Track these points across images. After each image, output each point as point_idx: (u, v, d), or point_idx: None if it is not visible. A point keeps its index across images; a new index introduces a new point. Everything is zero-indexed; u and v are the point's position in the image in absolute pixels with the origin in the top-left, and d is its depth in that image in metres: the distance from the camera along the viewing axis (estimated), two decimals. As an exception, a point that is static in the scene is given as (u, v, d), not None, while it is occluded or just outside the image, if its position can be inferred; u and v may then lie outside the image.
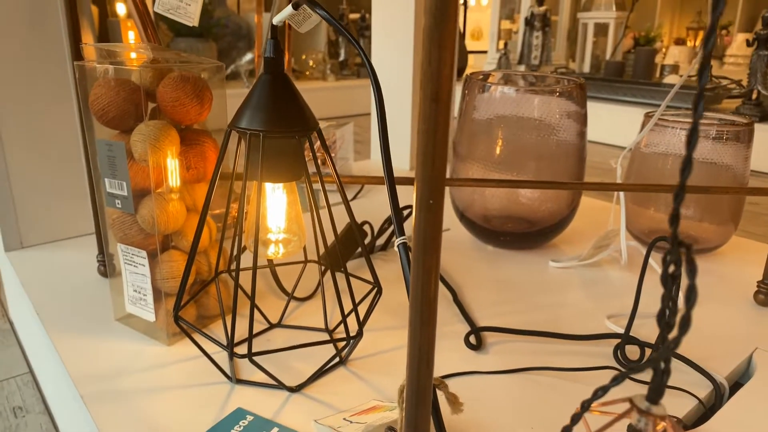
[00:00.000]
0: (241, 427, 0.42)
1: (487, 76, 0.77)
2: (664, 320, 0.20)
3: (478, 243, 0.79)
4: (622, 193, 0.67)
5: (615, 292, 0.65)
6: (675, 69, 2.64)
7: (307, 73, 2.90)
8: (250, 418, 0.43)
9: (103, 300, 0.61)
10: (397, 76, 1.12)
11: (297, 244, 0.48)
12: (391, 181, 0.33)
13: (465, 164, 0.78)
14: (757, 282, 0.62)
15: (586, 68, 2.60)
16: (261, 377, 0.48)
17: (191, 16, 0.57)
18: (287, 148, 0.44)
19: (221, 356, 0.50)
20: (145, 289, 0.52)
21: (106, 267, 0.65)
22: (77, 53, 0.59)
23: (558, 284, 0.67)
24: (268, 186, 0.47)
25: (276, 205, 0.47)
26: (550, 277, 0.68)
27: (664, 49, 3.19)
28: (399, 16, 1.09)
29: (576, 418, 0.22)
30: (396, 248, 0.32)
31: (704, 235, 0.75)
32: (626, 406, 0.23)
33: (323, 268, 0.54)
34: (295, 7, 0.38)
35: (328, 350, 0.52)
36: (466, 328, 0.56)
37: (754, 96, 1.89)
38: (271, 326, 0.56)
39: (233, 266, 0.54)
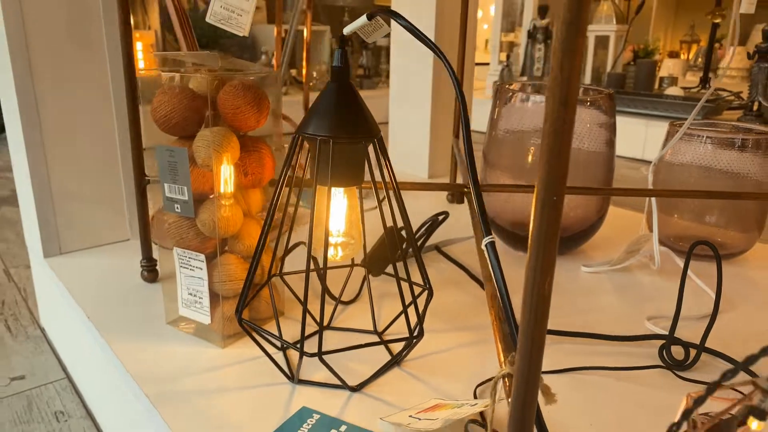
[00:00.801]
0: (309, 426, 0.43)
1: (518, 87, 0.79)
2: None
3: (507, 249, 0.80)
4: (654, 199, 0.69)
5: (649, 295, 0.67)
6: (674, 81, 2.69)
7: (312, 84, 2.92)
8: (316, 416, 0.44)
9: (150, 304, 0.62)
10: (415, 85, 1.14)
11: (355, 247, 0.50)
12: (477, 186, 0.35)
13: (495, 172, 0.79)
14: (788, 285, 0.64)
15: (587, 80, 2.64)
16: (320, 377, 0.49)
17: (242, 27, 0.59)
18: (353, 153, 0.45)
19: (278, 357, 0.51)
20: (201, 292, 0.53)
21: (152, 272, 0.66)
22: (129, 63, 0.60)
23: (592, 288, 0.68)
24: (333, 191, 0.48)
25: (337, 208, 0.48)
26: (583, 282, 0.70)
27: (659, 62, 3.25)
28: (419, 25, 1.11)
29: (688, 413, 0.24)
30: (483, 247, 0.33)
31: (730, 241, 0.77)
32: (727, 401, 0.25)
33: (367, 271, 0.55)
34: (369, 17, 0.40)
35: (378, 351, 0.53)
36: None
37: (755, 107, 1.93)
38: (322, 328, 0.57)
39: (283, 269, 0.56)
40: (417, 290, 0.60)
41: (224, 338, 0.54)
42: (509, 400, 0.28)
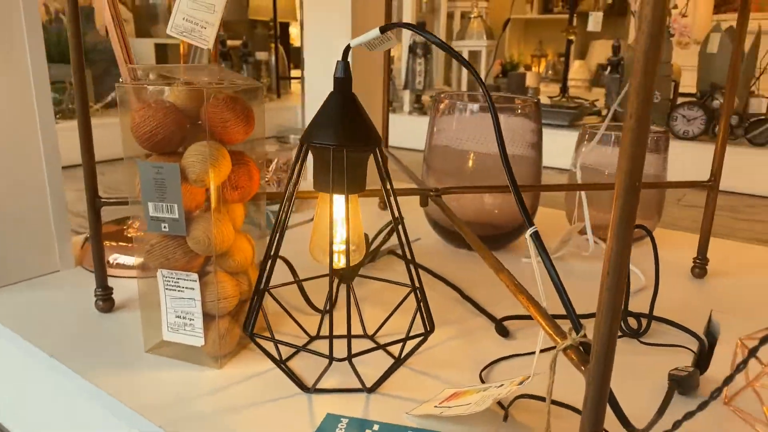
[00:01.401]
0: (342, 429, 0.44)
1: (455, 96, 0.85)
2: None
3: (451, 248, 0.85)
4: (584, 193, 0.78)
5: (588, 278, 0.75)
6: (537, 91, 2.98)
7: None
8: (345, 420, 0.45)
9: (117, 334, 0.57)
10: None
11: (357, 254, 0.51)
12: (515, 186, 0.38)
13: (438, 176, 0.84)
14: (693, 258, 0.76)
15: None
16: (329, 384, 0.50)
17: (206, 39, 0.58)
18: (357, 161, 0.47)
19: (277, 371, 0.51)
20: (192, 313, 0.51)
21: (108, 300, 0.62)
22: (80, 76, 0.56)
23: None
24: (334, 198, 0.49)
25: (340, 216, 0.49)
26: (528, 272, 0.77)
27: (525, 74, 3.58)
28: (334, 44, 1.13)
29: (745, 361, 0.29)
30: (527, 237, 0.37)
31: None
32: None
33: (339, 280, 0.56)
34: (382, 31, 0.42)
35: (375, 353, 0.55)
36: (484, 322, 0.62)
37: (611, 113, 2.20)
38: (311, 339, 0.57)
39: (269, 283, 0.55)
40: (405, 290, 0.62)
41: (220, 358, 0.52)
42: (583, 368, 0.32)
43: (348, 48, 0.45)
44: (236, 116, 0.50)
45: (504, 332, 0.60)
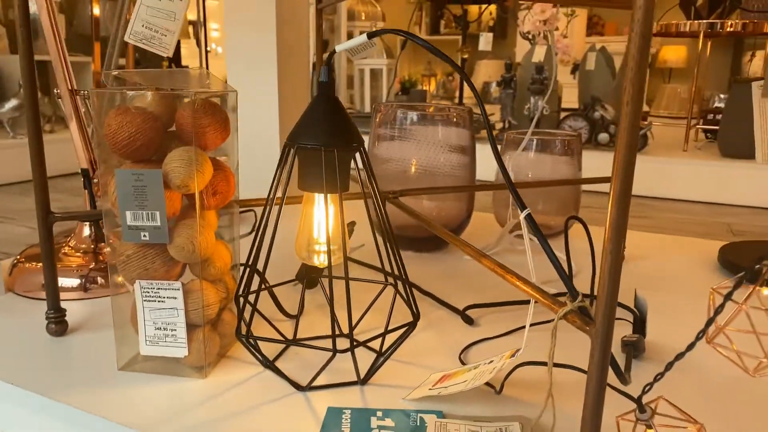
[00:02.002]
0: (348, 420, 0.45)
1: (395, 106, 0.89)
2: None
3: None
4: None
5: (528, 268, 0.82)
6: (435, 107, 3.12)
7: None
8: (347, 411, 0.46)
9: (80, 356, 0.54)
10: (260, 113, 1.16)
11: (339, 255, 0.53)
12: (510, 181, 0.42)
13: (380, 181, 0.88)
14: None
15: (367, 108, 2.91)
16: (317, 382, 0.51)
17: (166, 47, 0.57)
18: (342, 161, 0.49)
19: (269, 373, 0.51)
20: (174, 323, 0.50)
21: (61, 323, 0.58)
22: (30, 83, 0.53)
23: (482, 271, 0.81)
24: (316, 198, 0.51)
25: (322, 216, 0.51)
26: (472, 267, 0.82)
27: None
28: (259, 57, 1.14)
29: (722, 305, 0.35)
30: (522, 219, 0.41)
31: (554, 222, 0.98)
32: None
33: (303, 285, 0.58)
34: (370, 37, 0.45)
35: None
36: (446, 314, 0.66)
37: (507, 125, 2.37)
38: (288, 344, 0.58)
39: (246, 289, 0.55)
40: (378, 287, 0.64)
41: (205, 367, 0.51)
42: (588, 327, 0.37)
43: (332, 53, 0.47)
44: (215, 122, 0.50)
45: (469, 320, 0.64)
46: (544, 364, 0.42)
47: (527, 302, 0.66)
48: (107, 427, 0.45)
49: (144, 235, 0.48)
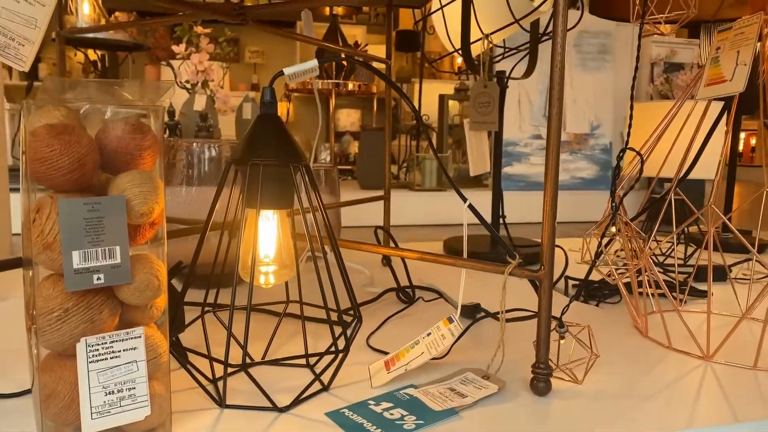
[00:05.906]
0: (353, 417, 0.48)
1: (181, 144, 0.86)
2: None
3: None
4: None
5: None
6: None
7: None
8: (345, 411, 0.48)
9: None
10: None
11: (288, 271, 0.53)
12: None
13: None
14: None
15: None
16: (287, 398, 0.50)
17: (23, 58, 0.47)
18: (284, 177, 0.51)
19: (211, 388, 0.48)
20: (132, 380, 0.42)
21: None
22: None
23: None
24: (262, 215, 0.51)
25: (269, 233, 0.51)
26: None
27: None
28: None
29: (617, 208, 0.55)
30: (466, 209, 0.53)
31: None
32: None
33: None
34: (321, 63, 0.49)
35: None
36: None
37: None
38: (239, 368, 0.53)
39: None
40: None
41: (166, 424, 0.44)
42: (535, 274, 0.51)
43: (278, 75, 0.49)
44: (156, 142, 0.45)
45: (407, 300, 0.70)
46: (496, 315, 0.55)
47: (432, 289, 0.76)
48: None
49: (98, 278, 0.40)
